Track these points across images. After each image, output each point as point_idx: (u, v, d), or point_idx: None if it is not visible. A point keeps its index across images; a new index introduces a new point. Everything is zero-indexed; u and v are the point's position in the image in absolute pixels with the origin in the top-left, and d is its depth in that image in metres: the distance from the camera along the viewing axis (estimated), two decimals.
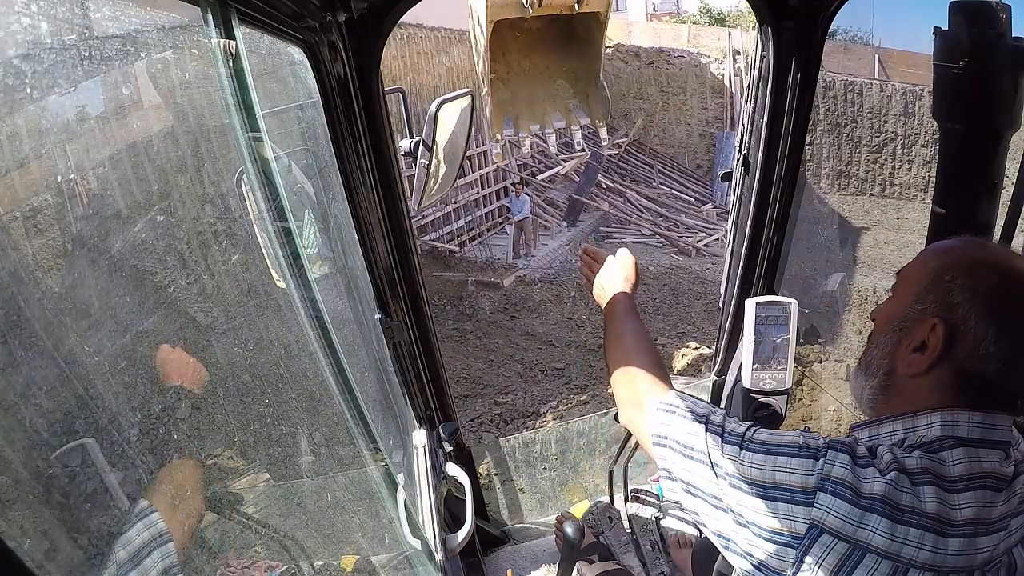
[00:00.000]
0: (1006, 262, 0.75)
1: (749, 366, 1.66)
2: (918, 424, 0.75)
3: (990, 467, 0.71)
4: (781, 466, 0.72)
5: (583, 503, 2.37)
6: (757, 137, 1.62)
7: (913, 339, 0.76)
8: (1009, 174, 1.40)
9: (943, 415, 0.74)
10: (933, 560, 0.68)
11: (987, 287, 0.73)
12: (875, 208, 9.95)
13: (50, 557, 0.52)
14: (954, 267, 0.76)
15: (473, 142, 9.70)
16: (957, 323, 0.73)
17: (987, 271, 0.74)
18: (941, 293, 0.75)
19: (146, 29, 0.85)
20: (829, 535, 0.68)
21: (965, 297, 0.73)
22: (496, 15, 1.73)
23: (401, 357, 1.61)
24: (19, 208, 0.66)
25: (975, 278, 0.74)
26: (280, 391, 1.19)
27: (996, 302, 0.72)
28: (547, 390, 6.86)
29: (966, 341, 0.72)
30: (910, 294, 0.79)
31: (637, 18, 18.60)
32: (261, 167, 0.89)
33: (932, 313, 0.75)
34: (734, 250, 1.88)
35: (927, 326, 0.74)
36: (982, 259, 0.76)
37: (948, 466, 0.71)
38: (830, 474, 0.70)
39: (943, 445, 0.72)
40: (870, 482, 0.69)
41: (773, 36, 1.45)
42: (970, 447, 0.72)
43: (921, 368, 0.75)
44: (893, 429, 0.77)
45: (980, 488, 0.70)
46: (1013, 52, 1.31)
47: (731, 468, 0.75)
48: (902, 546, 0.67)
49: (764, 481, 0.72)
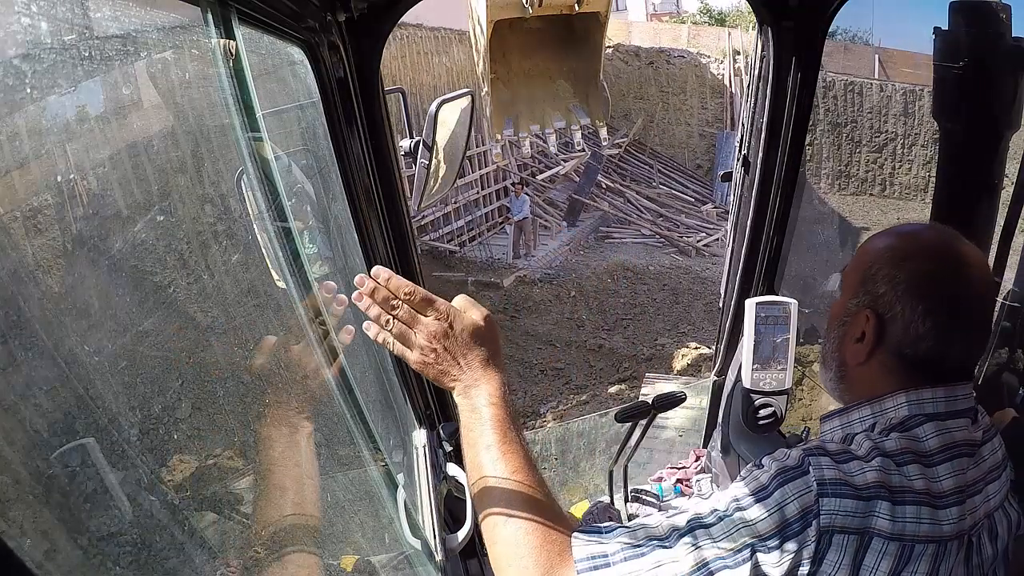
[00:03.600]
0: (928, 245, 0.80)
1: (749, 366, 1.66)
2: (885, 407, 0.79)
3: (961, 436, 0.75)
4: (783, 499, 0.69)
5: (583, 503, 2.37)
6: (757, 137, 1.62)
7: (854, 331, 0.82)
8: (1009, 174, 1.41)
9: (908, 395, 0.77)
10: (932, 532, 0.70)
11: (908, 272, 0.77)
12: (875, 208, 9.96)
13: (50, 557, 0.52)
14: (878, 259, 0.81)
15: (473, 142, 9.70)
16: (884, 311, 0.78)
17: (907, 258, 0.79)
18: (869, 285, 0.80)
19: (146, 29, 0.85)
20: (840, 534, 0.69)
21: (889, 286, 0.78)
22: (496, 15, 1.73)
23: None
24: (19, 208, 0.66)
25: (896, 266, 0.78)
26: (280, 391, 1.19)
27: (918, 285, 0.76)
28: (547, 390, 6.86)
29: (896, 325, 0.77)
30: (848, 291, 0.84)
31: (637, 18, 18.61)
32: (261, 167, 0.89)
33: (864, 305, 0.80)
34: (734, 250, 1.88)
35: (862, 318, 0.80)
36: (902, 247, 0.81)
37: (923, 441, 0.74)
38: (824, 478, 0.70)
39: (914, 422, 0.76)
40: (860, 473, 0.70)
41: (773, 36, 1.45)
42: (938, 420, 0.75)
43: (863, 357, 0.81)
44: (862, 415, 0.80)
45: (956, 457, 0.74)
46: (1013, 52, 1.31)
47: (737, 541, 0.68)
48: (904, 524, 0.69)
49: (776, 525, 0.68)
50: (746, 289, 1.83)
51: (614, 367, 7.39)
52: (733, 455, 1.99)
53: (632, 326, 8.51)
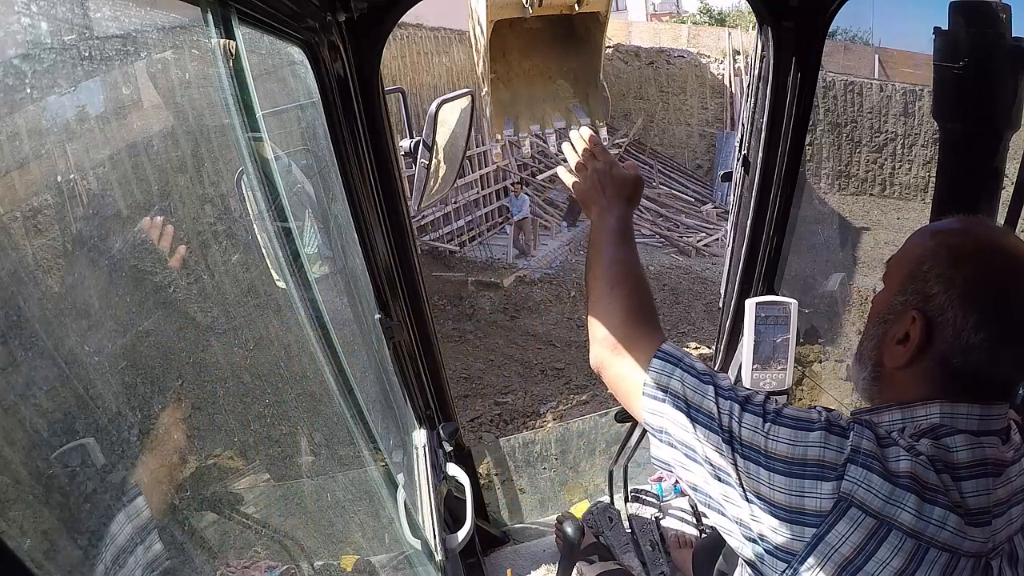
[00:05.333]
0: (988, 247, 0.73)
1: (749, 366, 1.67)
2: (916, 414, 0.74)
3: (992, 453, 0.71)
4: (815, 441, 0.68)
5: (583, 503, 2.37)
6: (757, 137, 1.62)
7: (897, 331, 0.75)
8: (1009, 174, 1.40)
9: (942, 407, 0.73)
10: (952, 541, 0.67)
11: (964, 276, 0.71)
12: (875, 208, 9.96)
13: (50, 557, 0.52)
14: (932, 256, 0.74)
15: (473, 142, 9.70)
16: (935, 315, 0.71)
17: (964, 259, 0.72)
18: (919, 284, 0.74)
19: (146, 29, 0.85)
20: (858, 508, 0.66)
21: (942, 287, 0.71)
22: (496, 15, 1.73)
23: (401, 357, 1.61)
24: (19, 208, 0.66)
25: (952, 267, 0.72)
26: (280, 391, 1.19)
27: (974, 291, 0.70)
28: (547, 390, 6.86)
29: (946, 332, 0.71)
30: (894, 285, 0.78)
31: (637, 18, 18.60)
32: (261, 167, 0.89)
33: (912, 305, 0.74)
34: (734, 250, 1.88)
35: (908, 318, 0.74)
36: (960, 246, 0.74)
37: (953, 452, 0.70)
38: (860, 447, 0.68)
39: (944, 431, 0.71)
40: (896, 460, 0.68)
41: (773, 36, 1.45)
42: (970, 435, 0.71)
43: (903, 361, 0.75)
44: (892, 418, 0.76)
45: (983, 476, 0.70)
46: (1013, 52, 1.31)
47: (751, 439, 0.71)
48: (927, 524, 0.66)
49: (794, 457, 0.69)
50: (746, 289, 1.83)
51: None
52: None
53: None
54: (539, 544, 2.21)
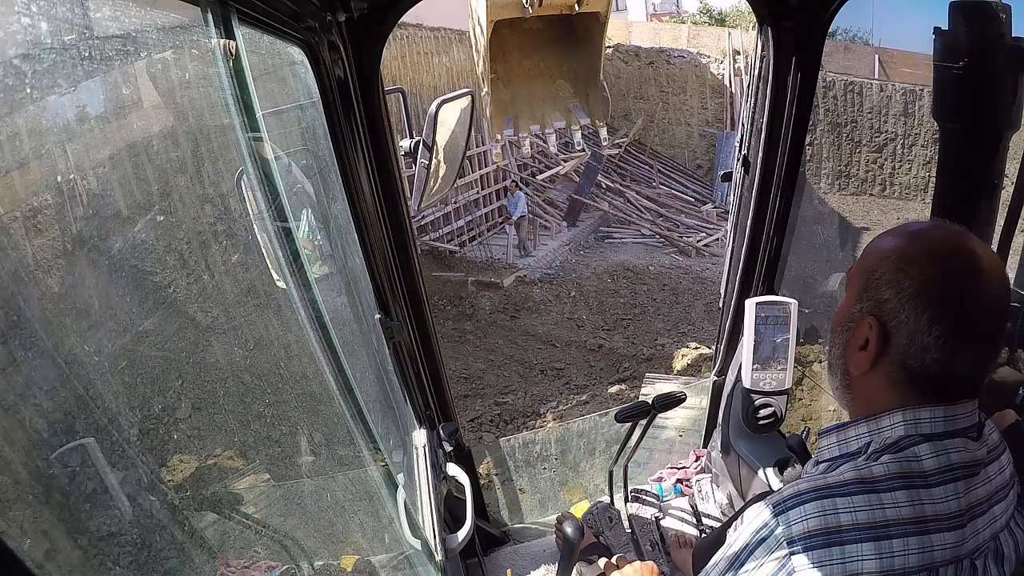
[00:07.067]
0: (937, 248, 0.74)
1: (749, 366, 1.67)
2: (882, 426, 0.76)
3: (958, 457, 0.72)
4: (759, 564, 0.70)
5: (583, 503, 2.36)
6: (757, 137, 1.62)
7: (858, 339, 0.77)
8: (1009, 174, 1.40)
9: (904, 414, 0.74)
10: (921, 560, 0.68)
11: (913, 279, 0.72)
12: (875, 208, 9.96)
13: (50, 557, 0.52)
14: (883, 262, 0.76)
15: (473, 142, 9.70)
16: (889, 318, 0.73)
17: (912, 261, 0.74)
18: (873, 291, 0.75)
19: (146, 29, 0.85)
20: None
21: (893, 292, 0.73)
22: (496, 15, 1.73)
23: (401, 357, 1.60)
24: (19, 208, 0.66)
25: (900, 271, 0.73)
26: (280, 391, 1.19)
27: (924, 291, 0.72)
28: (547, 390, 6.86)
29: (901, 335, 0.73)
30: (853, 294, 0.79)
31: (637, 18, 18.61)
32: (261, 167, 0.89)
33: (868, 311, 0.76)
34: (734, 250, 1.88)
35: (865, 325, 0.76)
36: (907, 249, 0.75)
37: (919, 461, 0.71)
38: (792, 536, 0.69)
39: (909, 442, 0.73)
40: (835, 514, 0.69)
41: (773, 36, 1.45)
42: (935, 441, 0.72)
43: (866, 367, 0.76)
44: (859, 433, 0.77)
45: (952, 481, 0.71)
46: (1013, 52, 1.31)
47: None
48: (892, 559, 0.67)
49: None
50: (746, 289, 1.83)
51: (614, 367, 7.39)
52: (733, 455, 1.99)
53: (632, 326, 8.51)
54: (539, 544, 2.21)
